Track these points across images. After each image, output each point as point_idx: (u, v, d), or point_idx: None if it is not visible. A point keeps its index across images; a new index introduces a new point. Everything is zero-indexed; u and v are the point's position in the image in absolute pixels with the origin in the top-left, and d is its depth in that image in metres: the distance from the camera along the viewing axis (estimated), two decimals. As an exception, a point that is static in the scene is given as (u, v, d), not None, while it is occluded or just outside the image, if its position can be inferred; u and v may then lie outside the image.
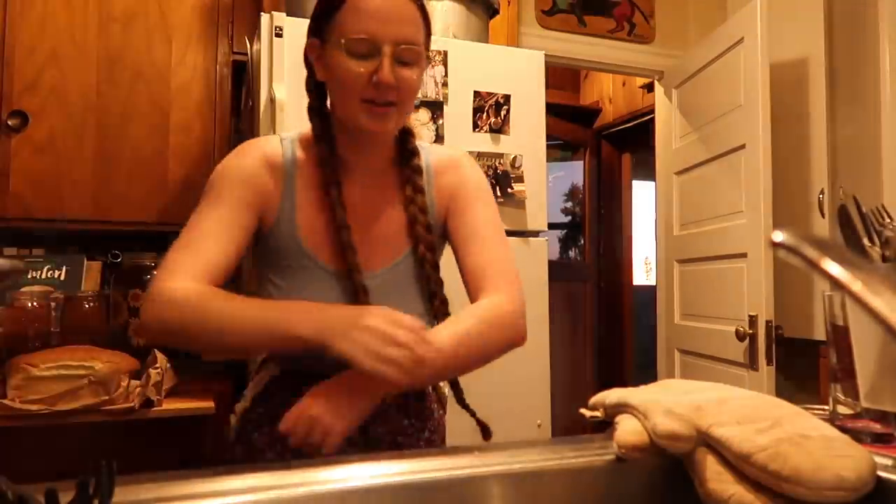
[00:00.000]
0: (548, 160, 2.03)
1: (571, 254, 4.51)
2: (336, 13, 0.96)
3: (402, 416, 1.01)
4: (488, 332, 0.94)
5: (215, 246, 0.93)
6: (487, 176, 1.60)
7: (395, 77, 0.94)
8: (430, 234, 1.04)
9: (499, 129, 1.91)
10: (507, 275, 1.00)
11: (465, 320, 0.94)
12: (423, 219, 1.03)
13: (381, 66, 0.92)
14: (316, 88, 1.04)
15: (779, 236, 0.33)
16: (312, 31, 1.01)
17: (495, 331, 0.95)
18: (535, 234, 1.95)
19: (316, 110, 1.04)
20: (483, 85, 1.90)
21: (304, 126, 1.05)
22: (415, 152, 1.07)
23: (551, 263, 2.02)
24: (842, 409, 0.71)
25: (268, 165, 1.00)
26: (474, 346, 0.93)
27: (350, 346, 0.80)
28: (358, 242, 0.98)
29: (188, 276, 0.89)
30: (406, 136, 1.08)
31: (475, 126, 1.89)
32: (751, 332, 2.15)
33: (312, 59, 1.02)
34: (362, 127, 0.97)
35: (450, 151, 1.14)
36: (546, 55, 2.02)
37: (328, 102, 1.04)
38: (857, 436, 0.65)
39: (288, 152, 1.02)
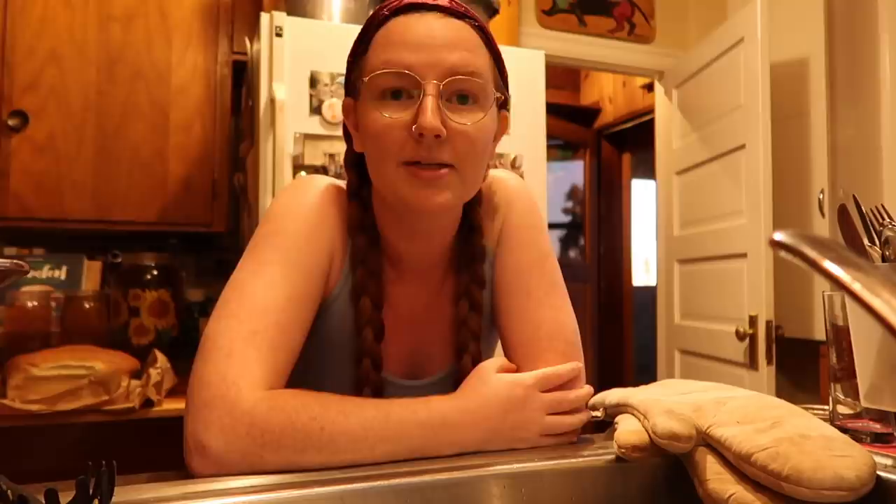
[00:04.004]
0: (548, 160, 2.03)
1: (572, 254, 4.51)
2: (365, 56, 0.74)
3: None
4: None
5: (287, 333, 0.70)
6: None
7: (444, 123, 0.68)
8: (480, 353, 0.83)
9: (499, 129, 1.90)
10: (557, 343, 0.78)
11: None
12: (474, 347, 0.81)
13: (423, 108, 0.67)
14: (355, 165, 0.80)
15: (779, 236, 0.33)
16: (346, 88, 0.79)
17: None
18: (536, 234, 1.94)
19: (354, 193, 0.80)
20: (483, 85, 1.90)
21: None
22: (476, 256, 0.82)
23: (551, 263, 2.02)
24: (842, 409, 0.71)
25: (341, 228, 0.79)
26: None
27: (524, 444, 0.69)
28: (400, 351, 0.82)
29: (265, 377, 0.66)
30: (469, 226, 0.81)
31: (475, 126, 1.89)
32: (751, 332, 2.15)
33: (349, 125, 0.79)
34: (405, 201, 0.71)
35: (509, 196, 0.86)
36: (546, 55, 2.02)
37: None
38: (857, 436, 0.65)
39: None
